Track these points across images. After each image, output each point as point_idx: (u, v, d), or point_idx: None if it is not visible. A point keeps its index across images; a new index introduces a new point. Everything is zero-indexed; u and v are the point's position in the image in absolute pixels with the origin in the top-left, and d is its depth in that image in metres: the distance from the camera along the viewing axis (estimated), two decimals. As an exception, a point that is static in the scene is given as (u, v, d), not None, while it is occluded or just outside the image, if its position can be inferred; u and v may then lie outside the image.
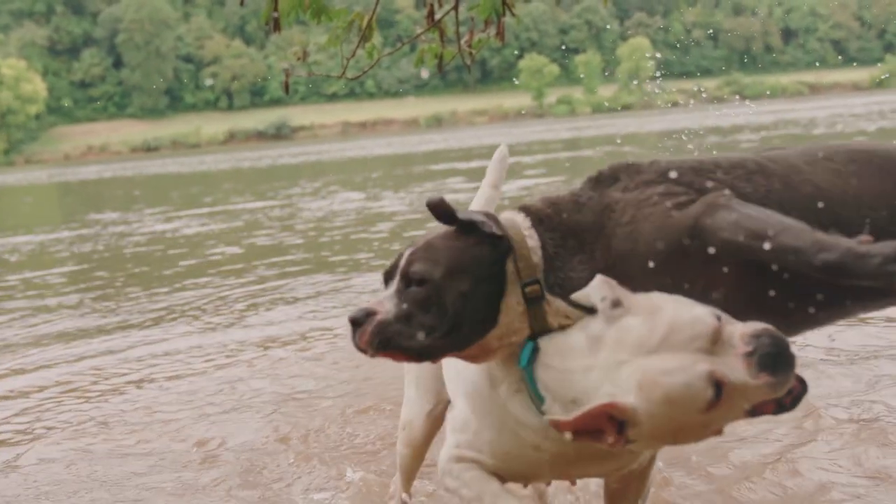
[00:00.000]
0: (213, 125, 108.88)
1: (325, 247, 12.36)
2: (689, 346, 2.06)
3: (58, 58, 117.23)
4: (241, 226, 16.32)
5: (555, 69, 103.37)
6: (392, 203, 17.67)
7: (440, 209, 2.33)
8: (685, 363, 2.04)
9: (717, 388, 2.03)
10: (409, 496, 3.30)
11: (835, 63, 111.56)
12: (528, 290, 2.33)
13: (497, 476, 2.50)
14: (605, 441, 2.09)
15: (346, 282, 9.04)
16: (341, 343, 6.39)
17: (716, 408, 2.05)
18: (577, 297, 2.26)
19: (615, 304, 2.17)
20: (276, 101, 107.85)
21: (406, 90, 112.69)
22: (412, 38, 5.09)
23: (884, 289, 2.11)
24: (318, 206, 18.94)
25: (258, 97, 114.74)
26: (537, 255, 2.36)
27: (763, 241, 2.14)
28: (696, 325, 2.08)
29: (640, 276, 2.27)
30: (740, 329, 2.10)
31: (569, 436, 2.12)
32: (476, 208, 3.25)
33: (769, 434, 3.96)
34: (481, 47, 4.96)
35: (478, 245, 2.34)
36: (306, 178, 30.32)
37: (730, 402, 2.05)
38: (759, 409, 2.12)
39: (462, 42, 4.89)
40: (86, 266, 12.70)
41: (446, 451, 2.56)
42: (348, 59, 4.84)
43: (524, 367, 2.32)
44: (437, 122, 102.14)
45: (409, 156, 41.63)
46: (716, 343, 2.07)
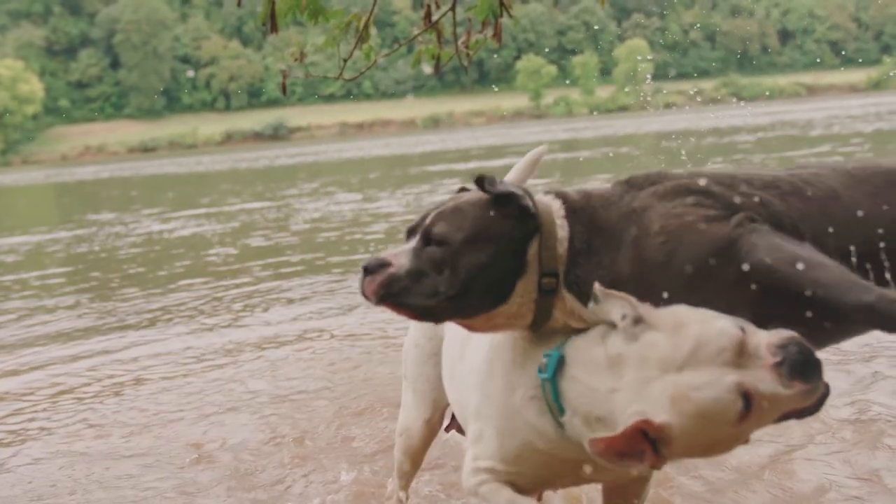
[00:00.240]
0: (211, 126, 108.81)
1: (322, 248, 12.34)
2: (716, 359, 2.04)
3: (55, 58, 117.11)
4: (238, 226, 16.30)
5: (552, 70, 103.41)
6: (389, 204, 17.66)
7: (482, 177, 2.31)
8: (713, 377, 2.02)
9: (747, 399, 2.02)
10: (406, 496, 3.29)
11: (832, 64, 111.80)
12: (543, 281, 2.30)
13: (513, 485, 2.47)
14: (646, 462, 2.06)
15: (343, 283, 9.03)
16: (338, 344, 6.40)
17: (746, 419, 2.04)
18: (595, 311, 2.22)
19: (636, 321, 2.14)
20: (273, 102, 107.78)
21: (403, 91, 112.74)
22: (410, 39, 5.09)
23: None
24: (314, 206, 18.93)
25: (255, 98, 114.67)
26: (563, 246, 2.31)
27: (799, 276, 2.12)
28: (722, 338, 2.06)
29: (668, 289, 2.23)
30: (766, 339, 2.08)
31: (608, 460, 2.07)
32: None
33: (767, 435, 3.95)
34: (478, 48, 4.96)
35: (506, 218, 2.30)
36: (303, 179, 30.30)
37: (760, 412, 2.04)
38: (785, 415, 2.11)
39: (459, 43, 4.89)
40: (82, 266, 12.68)
41: (466, 464, 2.53)
42: (345, 60, 4.84)
43: (549, 378, 2.27)
44: (434, 123, 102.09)
45: (406, 157, 41.62)
46: (742, 355, 2.05)
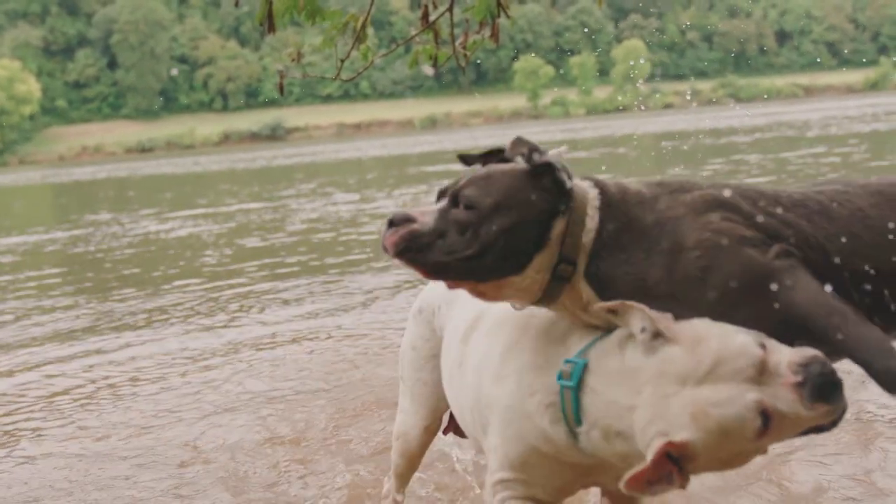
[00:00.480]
0: (208, 126, 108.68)
1: (319, 248, 12.34)
2: (737, 376, 2.03)
3: (52, 58, 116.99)
4: (235, 227, 16.30)
5: (550, 71, 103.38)
6: (386, 204, 17.66)
7: (523, 141, 2.31)
8: (734, 394, 2.01)
9: (765, 417, 2.01)
10: (402, 497, 3.28)
11: (829, 65, 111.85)
12: (560, 267, 2.29)
13: (534, 500, 2.45)
14: (675, 484, 2.04)
15: (340, 283, 9.03)
16: (335, 344, 6.40)
17: (765, 436, 2.03)
18: (612, 319, 2.20)
19: (655, 335, 2.12)
20: (270, 103, 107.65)
21: (401, 91, 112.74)
22: (407, 39, 5.07)
23: None
24: (311, 207, 18.92)
25: (253, 98, 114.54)
26: (589, 237, 2.29)
27: (831, 330, 2.10)
28: (743, 355, 2.05)
29: (694, 303, 2.20)
30: (787, 357, 2.07)
31: (641, 491, 2.05)
32: None
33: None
34: (476, 49, 4.94)
35: (538, 191, 2.28)
36: (300, 180, 30.30)
37: (779, 429, 2.04)
38: (802, 431, 2.10)
39: (457, 43, 4.88)
40: (79, 267, 12.68)
41: (487, 478, 2.52)
42: (343, 61, 4.82)
43: (574, 387, 2.24)
44: (431, 124, 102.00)
45: (403, 157, 41.62)
46: (763, 372, 2.04)
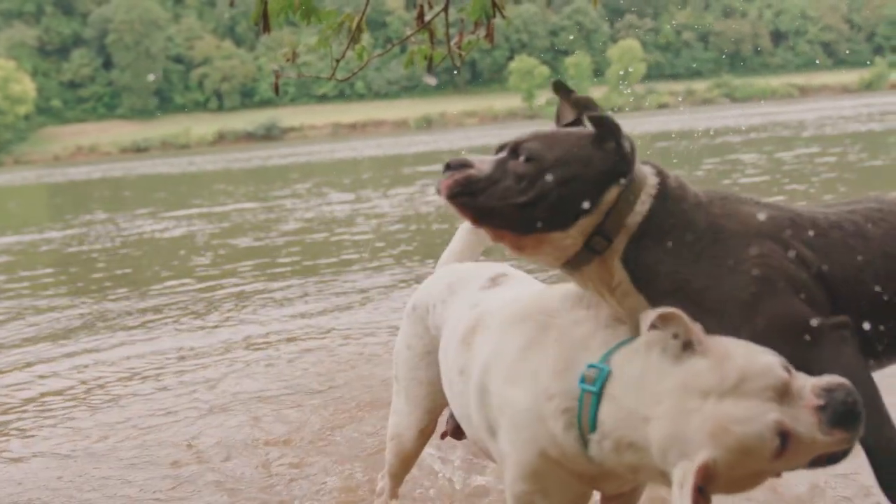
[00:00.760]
0: (203, 126, 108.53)
1: (314, 248, 12.34)
2: (760, 395, 2.02)
3: (47, 58, 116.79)
4: (230, 227, 16.29)
5: (545, 71, 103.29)
6: (381, 204, 17.66)
7: (589, 102, 2.29)
8: (755, 412, 2.00)
9: (783, 438, 2.00)
10: (396, 497, 3.28)
11: (824, 65, 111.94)
12: (594, 238, 2.26)
13: None
14: None
15: (335, 282, 9.03)
16: (329, 344, 6.40)
17: (781, 457, 2.02)
18: (645, 323, 2.16)
19: (686, 345, 2.10)
20: (265, 102, 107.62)
21: (396, 91, 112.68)
22: (402, 39, 5.07)
23: None
24: (307, 206, 18.91)
25: (248, 98, 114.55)
26: (635, 220, 2.25)
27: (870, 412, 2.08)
28: (767, 375, 2.03)
29: (730, 323, 2.17)
30: (812, 381, 2.06)
31: None
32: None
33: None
34: (471, 49, 4.94)
35: (600, 151, 2.25)
36: (296, 180, 30.27)
37: (796, 452, 2.03)
38: (817, 457, 2.08)
39: (452, 43, 4.88)
40: (73, 267, 12.66)
41: (507, 491, 2.47)
42: (338, 61, 4.82)
43: (596, 392, 2.19)
44: (427, 124, 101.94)
45: (398, 157, 41.61)
46: (785, 395, 2.03)
